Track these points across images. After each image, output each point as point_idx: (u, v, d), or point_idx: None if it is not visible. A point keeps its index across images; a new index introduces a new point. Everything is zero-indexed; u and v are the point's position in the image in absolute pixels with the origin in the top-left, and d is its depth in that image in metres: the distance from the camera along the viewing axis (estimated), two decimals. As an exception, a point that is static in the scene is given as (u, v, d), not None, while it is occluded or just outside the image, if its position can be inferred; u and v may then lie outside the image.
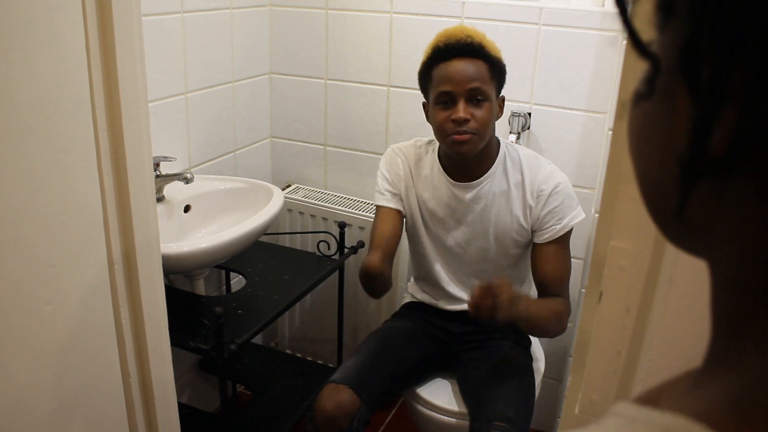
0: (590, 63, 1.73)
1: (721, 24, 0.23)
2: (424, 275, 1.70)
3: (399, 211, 1.62)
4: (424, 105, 1.53)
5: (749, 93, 0.23)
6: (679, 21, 0.25)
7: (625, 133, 0.32)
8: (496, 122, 1.50)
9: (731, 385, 0.26)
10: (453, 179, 1.56)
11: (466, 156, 1.47)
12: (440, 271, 1.65)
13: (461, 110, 1.42)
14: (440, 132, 1.47)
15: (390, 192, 1.62)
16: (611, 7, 1.67)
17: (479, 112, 1.43)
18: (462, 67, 1.41)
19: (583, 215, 1.54)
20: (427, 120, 1.52)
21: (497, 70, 1.45)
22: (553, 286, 1.54)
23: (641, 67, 0.30)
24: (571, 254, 1.59)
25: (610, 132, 1.64)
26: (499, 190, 1.54)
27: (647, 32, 0.28)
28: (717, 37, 0.23)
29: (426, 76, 1.48)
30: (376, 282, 1.51)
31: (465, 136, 1.43)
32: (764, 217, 0.24)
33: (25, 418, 0.99)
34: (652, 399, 0.30)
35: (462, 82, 1.41)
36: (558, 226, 1.51)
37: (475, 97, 1.42)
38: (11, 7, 0.83)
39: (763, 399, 0.24)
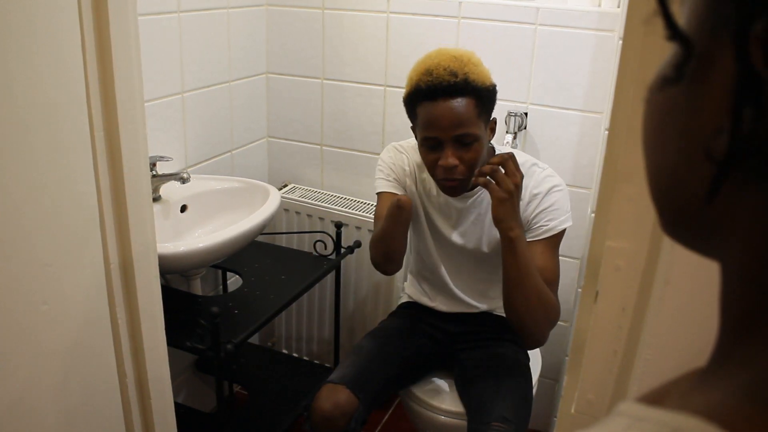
0: (587, 63, 1.73)
1: None
2: (427, 273, 1.69)
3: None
4: (412, 128, 1.48)
5: None
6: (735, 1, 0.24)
7: (641, 120, 0.31)
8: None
9: (741, 383, 0.25)
10: None
11: (457, 195, 1.48)
12: (435, 280, 1.65)
13: (449, 157, 1.37)
14: (429, 171, 1.45)
15: (395, 180, 1.59)
16: (608, 7, 1.68)
17: (468, 154, 1.38)
18: (447, 111, 1.33)
19: (570, 222, 1.49)
20: (416, 139, 1.47)
21: (486, 101, 1.38)
22: None
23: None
24: (568, 254, 1.59)
25: (607, 132, 1.64)
26: None
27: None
28: None
29: (410, 109, 1.42)
30: (401, 226, 1.47)
31: (455, 182, 1.41)
32: None
33: (22, 418, 0.98)
34: (657, 398, 0.30)
35: (448, 129, 1.34)
36: (547, 226, 1.46)
37: (462, 141, 1.37)
38: (9, 6, 0.83)
39: None
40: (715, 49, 0.26)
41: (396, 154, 1.61)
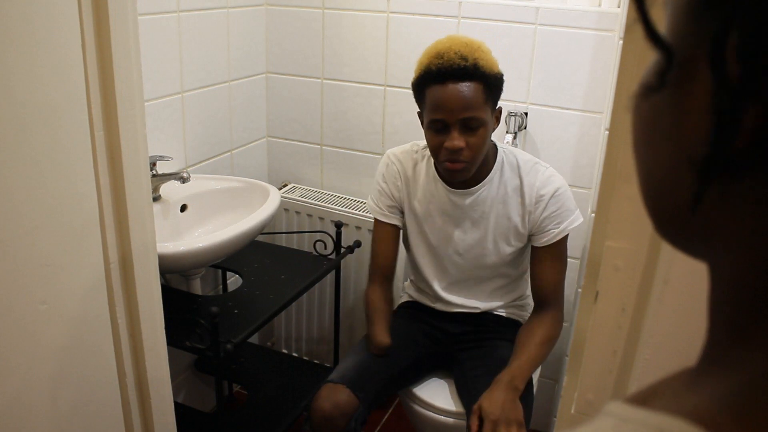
0: (587, 63, 1.73)
1: (759, 14, 0.22)
2: (421, 280, 1.70)
3: (396, 227, 1.65)
4: (419, 114, 1.50)
5: None
6: (712, 10, 0.24)
7: (630, 127, 0.31)
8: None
9: (728, 385, 0.25)
10: (450, 186, 1.55)
11: (461, 179, 1.49)
12: (435, 278, 1.65)
13: (455, 139, 1.39)
14: (434, 154, 1.47)
15: (387, 206, 1.63)
16: (607, 7, 1.68)
17: (473, 139, 1.40)
18: (455, 93, 1.36)
19: (581, 219, 1.54)
20: (422, 126, 1.50)
21: (493, 88, 1.41)
22: (549, 291, 1.55)
23: (648, 58, 0.30)
24: (568, 254, 1.59)
25: (607, 132, 1.64)
26: (497, 195, 1.54)
27: (661, 22, 0.27)
28: (752, 29, 0.22)
29: (419, 92, 1.44)
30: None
31: (459, 165, 1.43)
32: None
33: (21, 418, 0.98)
34: (645, 398, 0.30)
35: (455, 111, 1.37)
36: (556, 230, 1.51)
37: (469, 125, 1.39)
38: (9, 6, 0.83)
39: (762, 399, 0.24)
40: (696, 57, 0.26)
41: (388, 167, 1.63)
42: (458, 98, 1.37)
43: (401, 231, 1.67)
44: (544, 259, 1.54)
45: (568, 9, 1.72)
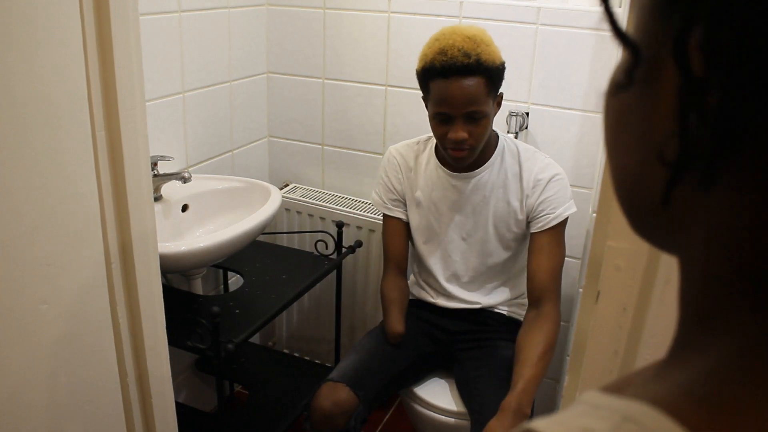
0: (587, 62, 1.73)
1: (721, 11, 0.23)
2: (424, 272, 1.70)
3: (404, 220, 1.69)
4: (423, 98, 1.53)
5: (740, 84, 0.23)
6: (675, 7, 0.25)
7: (601, 124, 0.32)
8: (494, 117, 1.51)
9: (693, 372, 0.26)
10: (451, 171, 1.58)
11: (464, 164, 1.54)
12: (439, 268, 1.66)
13: (459, 130, 1.44)
14: (439, 142, 1.52)
15: (391, 200, 1.67)
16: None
17: (477, 129, 1.45)
18: (459, 89, 1.40)
19: (575, 208, 1.57)
20: (426, 109, 1.53)
21: (495, 79, 1.44)
22: (545, 282, 1.53)
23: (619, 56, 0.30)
24: (569, 254, 1.60)
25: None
26: (497, 180, 1.56)
27: (627, 20, 0.28)
28: (716, 25, 0.23)
29: (423, 83, 1.48)
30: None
31: (463, 152, 1.47)
32: (738, 210, 0.25)
33: (21, 418, 0.98)
34: (619, 387, 0.31)
35: (459, 106, 1.41)
36: (552, 215, 1.53)
37: (472, 117, 1.43)
38: (10, 6, 0.83)
39: (721, 384, 0.25)
40: (662, 54, 0.26)
41: (389, 160, 1.68)
42: (462, 94, 1.40)
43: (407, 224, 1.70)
44: (541, 248, 1.54)
45: (568, 9, 1.72)
